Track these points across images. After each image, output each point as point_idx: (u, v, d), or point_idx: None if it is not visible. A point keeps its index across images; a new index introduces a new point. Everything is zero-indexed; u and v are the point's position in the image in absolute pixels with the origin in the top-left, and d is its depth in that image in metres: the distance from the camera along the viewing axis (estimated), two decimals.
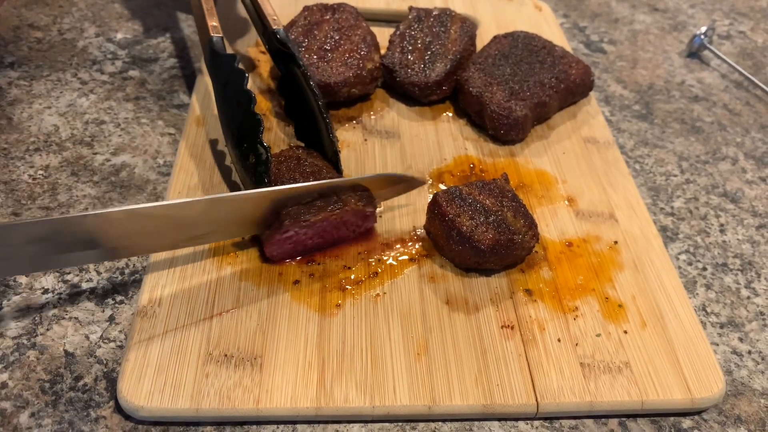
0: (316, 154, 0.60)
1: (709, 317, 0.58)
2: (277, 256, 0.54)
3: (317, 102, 0.61)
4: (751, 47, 0.95)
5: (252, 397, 0.46)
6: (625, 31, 0.95)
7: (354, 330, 0.51)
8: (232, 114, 0.60)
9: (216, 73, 0.63)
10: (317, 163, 0.59)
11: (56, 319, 0.51)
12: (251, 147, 0.56)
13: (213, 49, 0.63)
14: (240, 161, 0.58)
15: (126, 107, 0.70)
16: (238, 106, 0.59)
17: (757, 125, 0.81)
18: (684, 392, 0.50)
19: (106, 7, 0.84)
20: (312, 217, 0.53)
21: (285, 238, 0.53)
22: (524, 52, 0.74)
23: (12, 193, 0.60)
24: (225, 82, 0.61)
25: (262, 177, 0.55)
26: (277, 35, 0.64)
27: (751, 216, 0.69)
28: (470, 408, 0.48)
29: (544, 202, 0.64)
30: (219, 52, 0.63)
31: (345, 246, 0.57)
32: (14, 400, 0.47)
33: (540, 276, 0.57)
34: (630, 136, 0.77)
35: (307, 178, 0.56)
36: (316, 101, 0.61)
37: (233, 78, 0.60)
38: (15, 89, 0.71)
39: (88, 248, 0.48)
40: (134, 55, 0.77)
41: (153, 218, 0.50)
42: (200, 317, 0.51)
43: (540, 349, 0.52)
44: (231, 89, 0.60)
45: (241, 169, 0.58)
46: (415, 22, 0.75)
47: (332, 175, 0.58)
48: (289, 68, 0.65)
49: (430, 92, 0.72)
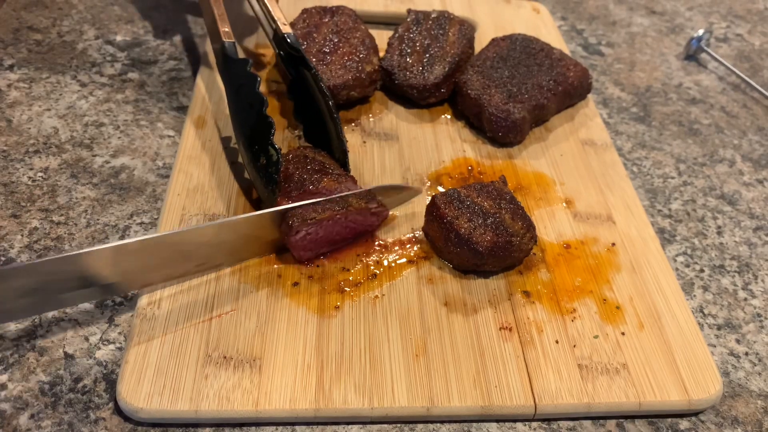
0: (324, 154, 0.61)
1: (706, 319, 0.59)
2: (304, 256, 0.56)
3: (327, 103, 0.62)
4: (749, 50, 0.96)
5: (251, 399, 0.47)
6: (623, 33, 0.96)
7: (353, 332, 0.51)
8: (244, 116, 0.61)
9: (229, 77, 0.64)
10: (323, 161, 0.59)
11: (56, 321, 0.52)
12: (262, 149, 0.57)
13: (226, 54, 0.64)
14: (252, 162, 0.59)
15: (125, 109, 0.71)
16: (251, 109, 0.59)
17: (754, 127, 0.81)
18: (681, 393, 0.50)
19: (106, 10, 0.84)
20: (318, 216, 0.54)
21: (300, 239, 0.54)
22: (522, 54, 0.74)
23: (11, 195, 0.60)
24: (238, 86, 0.62)
25: (273, 177, 0.56)
26: (288, 39, 0.65)
27: (749, 218, 0.69)
28: (468, 409, 0.48)
29: (542, 204, 0.64)
30: (232, 57, 0.64)
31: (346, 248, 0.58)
32: (14, 402, 0.47)
33: (538, 278, 0.57)
34: (627, 139, 0.77)
35: (312, 176, 0.57)
36: (326, 102, 0.62)
37: (246, 82, 0.61)
38: (14, 91, 0.71)
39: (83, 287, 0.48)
40: (134, 58, 0.78)
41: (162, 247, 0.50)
42: (199, 319, 0.51)
43: (538, 351, 0.52)
44: (243, 92, 0.61)
45: (253, 170, 0.59)
46: (414, 25, 0.76)
47: (338, 172, 0.58)
48: (299, 71, 0.65)
49: (429, 95, 0.72)
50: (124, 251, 0.48)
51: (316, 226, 0.54)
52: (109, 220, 0.59)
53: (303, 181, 0.56)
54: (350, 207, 0.55)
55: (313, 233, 0.54)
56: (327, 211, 0.54)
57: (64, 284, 0.47)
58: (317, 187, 0.56)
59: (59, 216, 0.59)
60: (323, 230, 0.55)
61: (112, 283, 0.50)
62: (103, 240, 0.58)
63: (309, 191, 0.55)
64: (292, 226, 0.53)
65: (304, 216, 0.54)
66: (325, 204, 0.55)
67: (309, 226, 0.54)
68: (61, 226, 0.58)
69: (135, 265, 0.50)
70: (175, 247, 0.51)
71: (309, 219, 0.53)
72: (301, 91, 0.66)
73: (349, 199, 0.56)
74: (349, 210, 0.55)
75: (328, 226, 0.55)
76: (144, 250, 0.49)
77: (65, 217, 0.59)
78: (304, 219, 0.53)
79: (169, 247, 0.50)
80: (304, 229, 0.54)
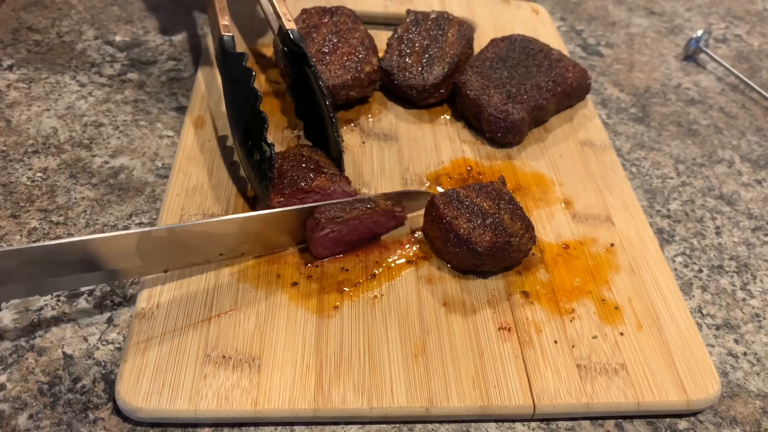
0: (321, 153, 0.61)
1: (704, 319, 0.59)
2: (321, 254, 0.56)
3: (325, 101, 0.62)
4: (747, 50, 0.96)
5: (250, 399, 0.47)
6: (622, 34, 0.96)
7: (352, 332, 0.52)
8: (239, 111, 0.61)
9: (225, 70, 0.64)
10: (319, 160, 0.60)
11: (55, 322, 0.52)
12: (256, 144, 0.57)
13: (223, 47, 0.64)
14: (246, 158, 0.59)
15: (124, 110, 0.71)
16: (245, 104, 0.60)
17: (753, 128, 0.81)
18: (680, 394, 0.50)
19: (105, 10, 0.85)
20: (346, 215, 0.55)
21: (323, 236, 0.54)
22: (521, 55, 0.74)
23: (11, 196, 0.60)
24: (233, 80, 0.62)
25: (266, 173, 0.56)
26: (291, 35, 0.65)
27: (747, 218, 0.69)
28: (467, 409, 0.48)
29: (540, 204, 0.64)
30: (229, 51, 0.64)
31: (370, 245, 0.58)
32: (13, 402, 0.47)
33: (537, 278, 0.57)
34: (626, 139, 0.77)
35: (306, 174, 0.57)
36: (324, 100, 0.62)
37: (241, 76, 0.61)
38: (14, 91, 0.71)
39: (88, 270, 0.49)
40: (133, 58, 0.78)
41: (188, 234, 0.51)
42: (198, 319, 0.51)
43: (537, 351, 0.52)
44: (239, 87, 0.61)
45: (248, 166, 0.59)
46: (413, 26, 0.76)
47: (332, 171, 0.59)
48: (301, 68, 0.65)
49: (428, 95, 0.72)
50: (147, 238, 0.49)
51: (342, 224, 0.55)
52: (108, 220, 0.59)
53: (296, 178, 0.56)
54: (377, 207, 0.56)
55: (337, 231, 0.55)
56: (354, 211, 0.55)
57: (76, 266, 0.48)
58: (310, 185, 0.56)
59: (58, 216, 0.59)
60: (347, 229, 0.55)
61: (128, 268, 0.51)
62: None
63: (301, 189, 0.56)
64: (319, 222, 0.54)
65: (331, 214, 0.54)
66: (353, 203, 0.56)
67: (336, 224, 0.54)
68: (60, 227, 0.58)
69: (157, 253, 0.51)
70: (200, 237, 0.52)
71: (337, 217, 0.54)
72: (302, 89, 0.66)
73: (377, 200, 0.57)
74: (376, 211, 0.56)
75: (353, 226, 0.56)
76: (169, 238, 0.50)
77: (64, 217, 0.59)
78: (331, 217, 0.54)
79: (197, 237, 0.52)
80: (329, 227, 0.54)
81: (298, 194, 0.56)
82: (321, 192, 0.57)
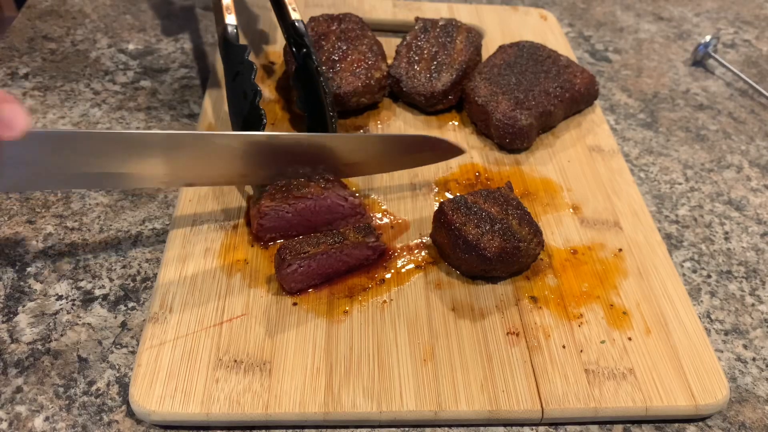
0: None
1: (713, 324, 0.59)
2: (294, 289, 0.54)
3: (325, 96, 0.62)
4: (756, 55, 0.96)
5: (261, 402, 0.47)
6: (630, 40, 0.96)
7: (361, 336, 0.52)
8: (239, 105, 0.61)
9: (227, 62, 0.65)
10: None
11: (70, 325, 0.52)
12: None
13: (226, 38, 0.64)
14: None
15: (138, 117, 0.72)
16: (245, 98, 0.60)
17: (761, 133, 0.81)
18: (688, 399, 0.51)
19: (119, 19, 0.86)
20: (312, 249, 0.53)
21: (292, 272, 0.53)
22: (529, 61, 0.75)
23: (27, 202, 0.61)
24: (235, 73, 0.63)
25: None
26: (296, 24, 0.65)
27: (756, 224, 0.69)
28: (476, 414, 0.49)
29: (549, 210, 0.65)
30: (231, 42, 0.64)
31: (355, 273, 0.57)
32: (29, 404, 0.48)
33: (545, 283, 0.58)
34: (635, 145, 0.77)
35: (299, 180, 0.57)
36: (324, 94, 0.62)
37: (243, 69, 0.61)
38: (29, 99, 0.72)
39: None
40: (146, 66, 0.79)
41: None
42: (210, 323, 0.52)
43: (545, 356, 0.52)
44: (240, 80, 0.62)
45: None
46: (422, 33, 0.76)
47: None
48: (305, 61, 0.66)
49: (436, 102, 0.72)
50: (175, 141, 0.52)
51: (309, 259, 0.53)
52: (121, 225, 0.60)
53: (288, 184, 0.56)
54: (346, 241, 0.54)
55: (306, 266, 0.53)
56: (321, 245, 0.53)
57: (102, 161, 0.50)
58: (301, 191, 0.56)
59: (73, 222, 0.60)
60: (316, 263, 0.54)
61: (152, 175, 0.53)
62: (116, 245, 0.59)
63: (293, 195, 0.56)
64: (285, 259, 0.52)
65: (297, 249, 0.52)
66: (320, 238, 0.54)
67: (302, 259, 0.53)
68: (75, 232, 0.59)
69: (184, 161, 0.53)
70: (224, 150, 0.54)
71: (302, 253, 0.52)
72: (305, 81, 0.67)
73: (346, 233, 0.55)
74: (345, 244, 0.54)
75: (322, 260, 0.54)
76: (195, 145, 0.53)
77: (79, 222, 0.60)
78: (297, 253, 0.52)
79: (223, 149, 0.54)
80: (296, 263, 0.53)
81: (290, 200, 0.55)
82: (314, 198, 0.56)
